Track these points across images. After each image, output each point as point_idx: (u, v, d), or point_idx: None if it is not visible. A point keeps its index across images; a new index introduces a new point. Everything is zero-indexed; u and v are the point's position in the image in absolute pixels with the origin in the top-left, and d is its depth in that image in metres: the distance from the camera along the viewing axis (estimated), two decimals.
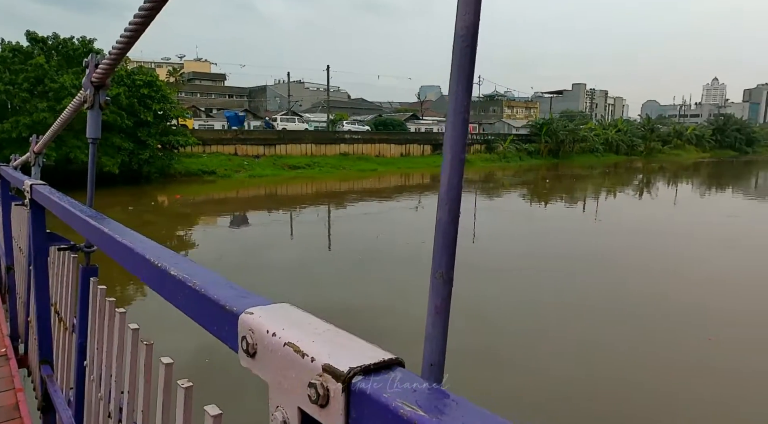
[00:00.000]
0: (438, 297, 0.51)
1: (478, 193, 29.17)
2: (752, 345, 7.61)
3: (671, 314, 8.94)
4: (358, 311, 9.06)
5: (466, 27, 0.51)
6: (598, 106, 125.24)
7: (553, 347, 7.67)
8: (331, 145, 40.91)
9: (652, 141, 67.99)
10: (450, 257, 0.52)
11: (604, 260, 13.14)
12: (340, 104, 74.23)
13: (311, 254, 13.72)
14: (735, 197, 30.70)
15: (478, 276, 10.82)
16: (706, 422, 5.79)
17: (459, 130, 0.53)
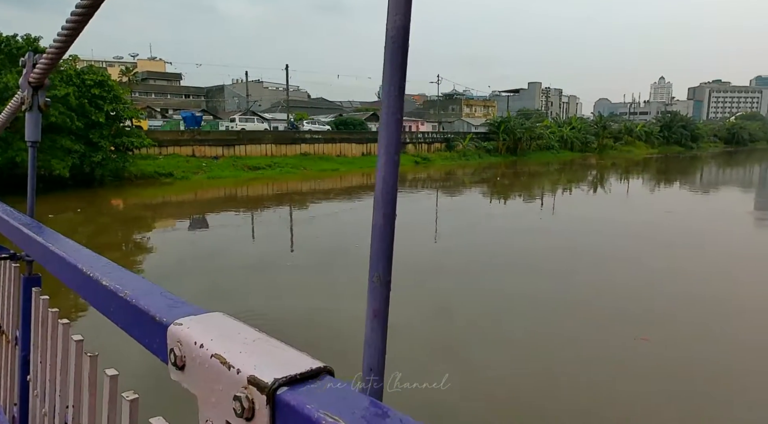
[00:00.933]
0: (376, 301, 0.50)
1: (440, 191, 29.56)
2: (679, 344, 7.59)
3: (600, 315, 8.86)
4: (320, 315, 9.06)
5: (396, 28, 0.51)
6: (553, 104, 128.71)
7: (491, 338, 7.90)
8: (291, 146, 40.56)
9: (604, 138, 70.39)
10: (387, 260, 0.52)
11: (530, 259, 13.43)
12: (300, 104, 73.61)
13: (273, 256, 13.60)
14: (677, 192, 32.18)
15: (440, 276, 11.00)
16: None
17: (393, 131, 0.52)
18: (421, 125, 71.91)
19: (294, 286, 10.90)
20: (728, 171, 49.57)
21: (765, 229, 18.59)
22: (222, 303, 9.52)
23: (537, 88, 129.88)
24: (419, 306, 9.46)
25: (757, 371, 6.82)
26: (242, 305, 9.47)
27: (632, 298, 9.83)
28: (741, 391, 6.34)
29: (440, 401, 5.78)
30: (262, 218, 20.18)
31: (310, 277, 11.65)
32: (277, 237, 16.37)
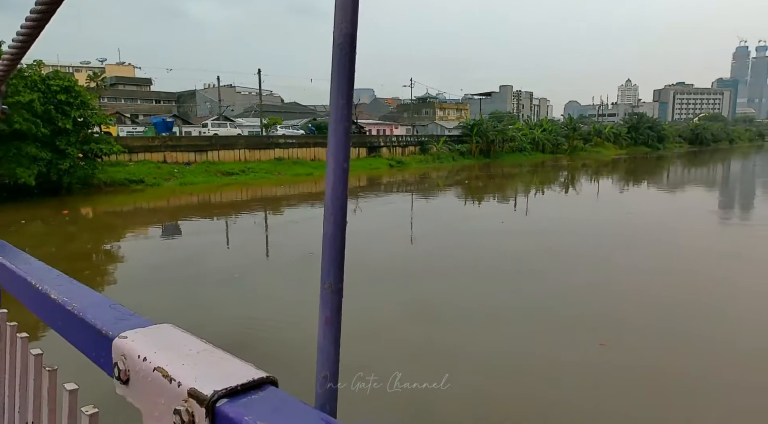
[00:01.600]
0: (328, 308, 0.50)
1: (415, 194, 29.76)
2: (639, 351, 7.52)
3: (560, 320, 8.83)
4: (297, 324, 9.06)
5: (343, 36, 0.50)
6: (525, 107, 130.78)
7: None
8: (265, 150, 40.28)
9: (574, 139, 71.83)
10: (338, 268, 0.51)
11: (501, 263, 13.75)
12: (273, 108, 73.10)
13: (248, 263, 13.52)
14: (640, 192, 33.10)
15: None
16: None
17: (341, 138, 0.52)
18: (396, 129, 72.24)
19: (268, 294, 10.88)
20: (693, 171, 51.15)
21: (728, 227, 19.26)
22: (191, 313, 9.45)
23: (509, 91, 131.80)
24: (392, 308, 9.57)
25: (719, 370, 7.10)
26: (214, 315, 9.43)
27: (594, 299, 10.11)
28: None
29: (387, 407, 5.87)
30: (236, 224, 20.02)
31: (286, 284, 11.63)
32: (252, 243, 16.28)
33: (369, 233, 17.67)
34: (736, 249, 14.42)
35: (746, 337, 8.13)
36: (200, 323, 8.53)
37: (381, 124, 73.84)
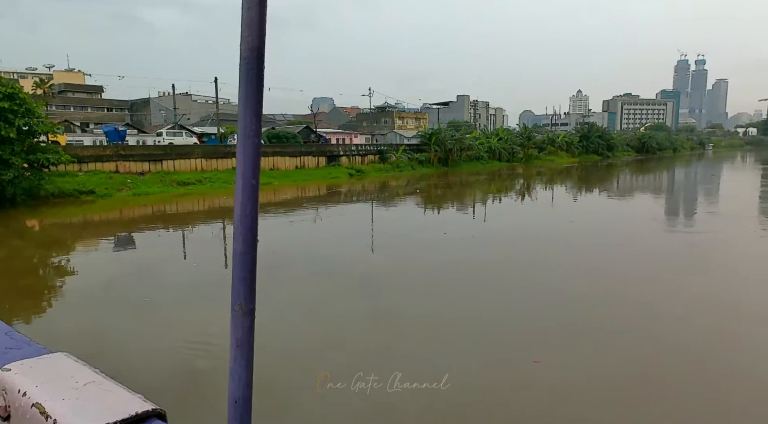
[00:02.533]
0: (239, 330, 0.48)
1: (376, 202, 29.92)
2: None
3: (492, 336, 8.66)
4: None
5: (250, 49, 0.48)
6: (481, 116, 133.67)
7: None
8: (222, 160, 39.64)
9: (529, 148, 73.88)
10: (249, 288, 0.49)
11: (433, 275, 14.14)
12: (231, 117, 72.02)
13: (206, 276, 13.30)
14: (591, 199, 34.39)
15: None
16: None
17: (250, 155, 0.50)
18: (355, 138, 72.50)
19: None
20: (641, 178, 53.47)
21: (670, 233, 20.25)
22: (147, 332, 9.27)
23: (465, 101, 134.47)
24: (350, 317, 9.64)
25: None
26: (163, 335, 9.27)
27: (536, 304, 10.47)
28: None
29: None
30: (193, 235, 19.63)
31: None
32: (210, 255, 16.01)
33: (328, 243, 17.69)
34: (673, 253, 15.23)
35: (668, 329, 8.62)
36: (147, 345, 8.37)
37: (340, 133, 73.93)
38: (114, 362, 7.51)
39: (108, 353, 7.98)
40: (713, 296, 10.89)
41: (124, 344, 8.46)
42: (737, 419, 6.15)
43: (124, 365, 7.41)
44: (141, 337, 8.77)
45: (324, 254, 15.57)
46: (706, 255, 15.04)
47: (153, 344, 8.43)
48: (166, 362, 7.82)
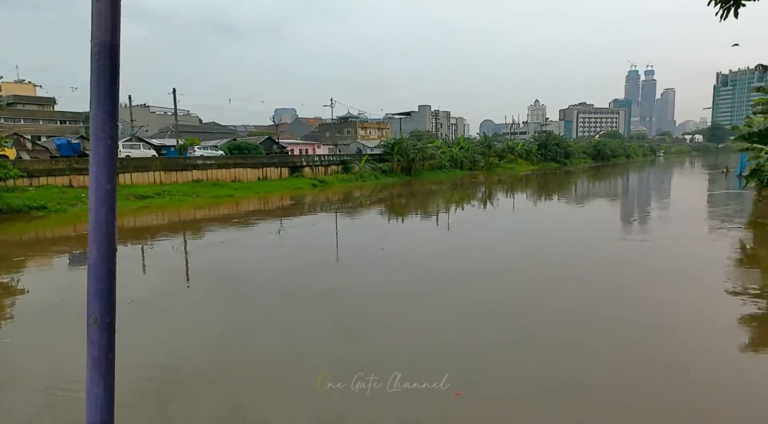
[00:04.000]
0: (95, 347, 0.42)
1: (339, 212, 29.93)
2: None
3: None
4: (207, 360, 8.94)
5: (100, 46, 0.44)
6: (443, 125, 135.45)
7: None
8: (182, 172, 38.93)
9: (490, 157, 75.40)
10: (105, 301, 0.44)
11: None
12: (190, 129, 70.81)
13: (165, 290, 13.05)
14: (550, 205, 35.39)
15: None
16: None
17: (103, 157, 0.45)
18: (318, 148, 72.39)
19: (189, 324, 10.61)
20: (596, 184, 55.29)
21: (623, 242, 21.05)
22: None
23: (427, 111, 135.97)
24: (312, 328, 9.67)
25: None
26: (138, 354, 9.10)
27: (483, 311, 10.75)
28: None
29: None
30: (153, 250, 19.19)
31: (210, 312, 11.39)
32: (171, 269, 15.70)
33: (291, 255, 17.63)
34: (625, 257, 15.89)
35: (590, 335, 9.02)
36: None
37: (303, 144, 73.69)
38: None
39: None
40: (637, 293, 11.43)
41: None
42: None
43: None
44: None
45: (279, 269, 15.53)
46: (642, 258, 15.74)
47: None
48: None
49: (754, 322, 9.61)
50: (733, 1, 6.48)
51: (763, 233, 18.76)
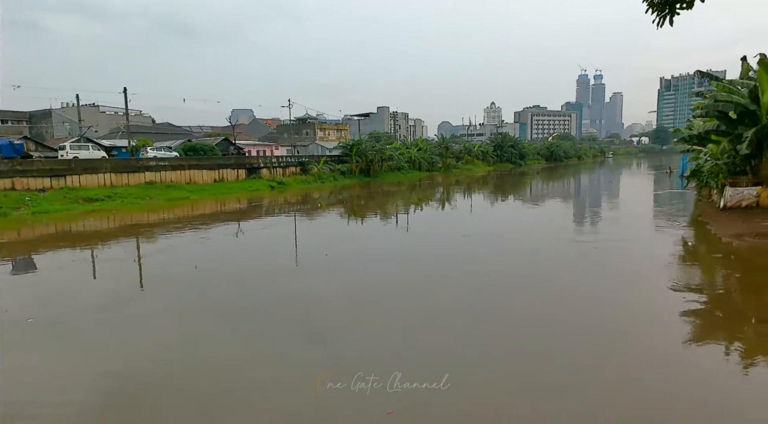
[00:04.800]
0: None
1: (298, 214, 29.72)
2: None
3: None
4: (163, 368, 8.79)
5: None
6: (401, 127, 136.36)
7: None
8: (134, 174, 37.78)
9: (447, 158, 76.55)
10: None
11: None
12: (143, 129, 68.67)
13: (118, 297, 12.68)
14: (506, 206, 36.30)
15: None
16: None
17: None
18: (276, 149, 71.64)
19: (151, 331, 10.38)
20: (550, 184, 56.98)
21: (573, 243, 21.82)
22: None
23: (385, 112, 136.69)
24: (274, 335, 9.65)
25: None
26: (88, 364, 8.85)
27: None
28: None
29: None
30: (103, 254, 18.56)
31: (166, 318, 11.17)
32: (123, 274, 15.24)
33: (249, 258, 17.45)
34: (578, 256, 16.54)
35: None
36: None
37: (261, 145, 72.74)
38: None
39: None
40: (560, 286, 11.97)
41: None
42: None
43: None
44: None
45: (233, 273, 15.39)
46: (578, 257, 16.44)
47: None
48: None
49: (692, 316, 10.21)
50: (668, 10, 6.93)
51: (704, 231, 19.85)
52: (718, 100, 22.65)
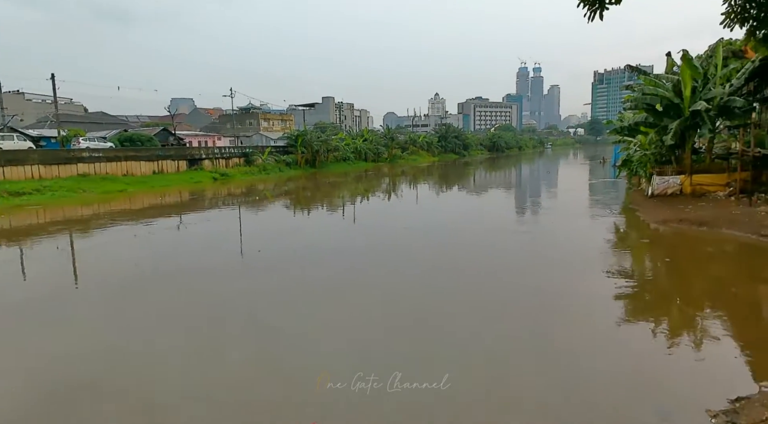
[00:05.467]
0: None
1: (243, 207, 29.15)
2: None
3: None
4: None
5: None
6: (347, 117, 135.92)
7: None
8: (65, 166, 35.74)
9: (393, 149, 77.07)
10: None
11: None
12: (74, 118, 64.91)
13: (47, 296, 12.10)
14: (456, 194, 37.12)
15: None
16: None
17: None
18: (218, 140, 69.72)
19: (77, 331, 10.00)
20: (492, 174, 58.58)
21: (509, 233, 22.60)
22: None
23: (331, 103, 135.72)
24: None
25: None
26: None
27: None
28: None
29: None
30: (33, 251, 17.56)
31: (101, 317, 10.80)
32: (54, 271, 14.52)
33: (195, 251, 17.07)
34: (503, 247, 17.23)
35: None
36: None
37: (202, 136, 70.55)
38: None
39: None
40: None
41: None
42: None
43: None
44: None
45: (171, 271, 15.07)
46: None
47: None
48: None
49: (622, 298, 10.92)
50: (598, 5, 7.32)
51: (634, 218, 21.09)
52: (646, 94, 24.05)
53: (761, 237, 15.19)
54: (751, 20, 5.54)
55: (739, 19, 5.60)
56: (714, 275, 12.77)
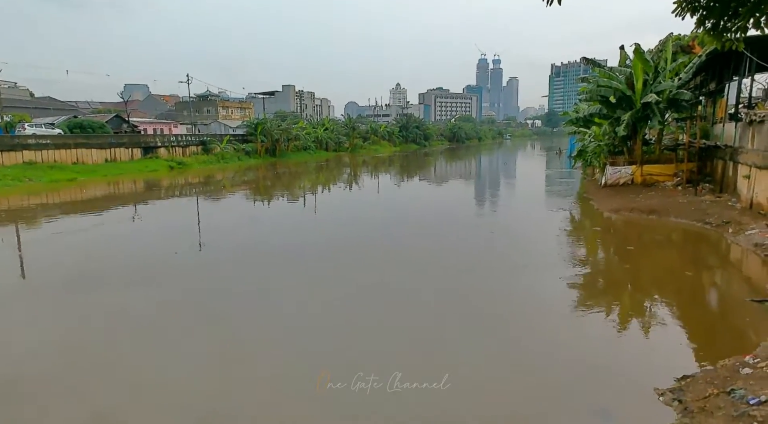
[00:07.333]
0: None
1: (201, 196, 28.49)
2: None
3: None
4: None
5: None
6: (308, 106, 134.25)
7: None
8: (9, 153, 33.97)
9: (354, 138, 76.76)
10: None
11: None
12: (18, 103, 61.59)
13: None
14: (397, 191, 37.36)
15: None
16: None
17: None
18: (175, 127, 67.77)
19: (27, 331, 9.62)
20: (452, 165, 59.23)
21: (467, 228, 22.93)
22: None
23: (291, 91, 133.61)
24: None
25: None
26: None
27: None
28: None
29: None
30: None
31: (53, 315, 10.40)
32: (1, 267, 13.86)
33: (147, 244, 16.62)
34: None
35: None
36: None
37: (158, 123, 68.35)
38: None
39: None
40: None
41: None
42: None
43: None
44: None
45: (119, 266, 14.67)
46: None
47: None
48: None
49: (575, 285, 11.31)
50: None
51: (588, 207, 21.79)
52: (600, 86, 24.76)
53: (705, 225, 15.99)
54: (701, 9, 5.86)
55: (689, 8, 5.90)
56: (661, 261, 13.37)
